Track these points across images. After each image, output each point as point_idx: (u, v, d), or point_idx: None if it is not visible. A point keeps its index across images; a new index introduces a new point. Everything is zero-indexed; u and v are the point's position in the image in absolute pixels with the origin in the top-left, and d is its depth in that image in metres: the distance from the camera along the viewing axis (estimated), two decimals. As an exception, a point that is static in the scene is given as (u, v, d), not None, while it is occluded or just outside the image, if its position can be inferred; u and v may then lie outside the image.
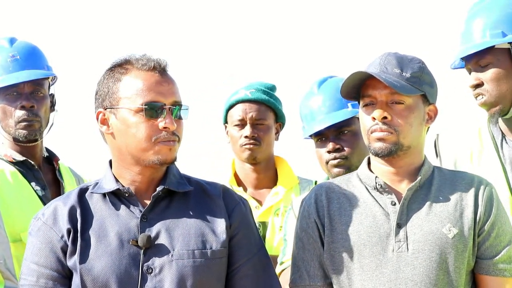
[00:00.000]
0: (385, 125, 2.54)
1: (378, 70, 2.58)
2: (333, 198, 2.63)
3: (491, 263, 2.55)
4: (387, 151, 2.55)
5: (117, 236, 2.43)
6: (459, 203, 2.57)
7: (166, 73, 2.50)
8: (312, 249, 2.62)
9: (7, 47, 3.43)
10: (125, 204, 2.49)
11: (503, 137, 3.09)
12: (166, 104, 2.45)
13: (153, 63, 2.48)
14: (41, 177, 3.40)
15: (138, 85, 2.46)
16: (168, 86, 2.47)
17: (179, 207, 2.49)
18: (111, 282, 2.39)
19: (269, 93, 3.70)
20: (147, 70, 2.47)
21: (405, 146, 2.56)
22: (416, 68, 2.59)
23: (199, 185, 2.56)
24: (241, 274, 2.49)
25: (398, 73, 2.56)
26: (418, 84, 2.58)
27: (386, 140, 2.54)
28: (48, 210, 2.52)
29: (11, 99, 3.35)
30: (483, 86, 3.02)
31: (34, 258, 2.46)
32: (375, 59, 2.62)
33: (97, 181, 2.56)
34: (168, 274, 2.40)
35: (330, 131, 3.18)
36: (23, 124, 3.33)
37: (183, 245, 2.43)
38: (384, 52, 2.65)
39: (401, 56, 2.61)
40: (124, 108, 2.46)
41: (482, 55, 3.01)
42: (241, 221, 2.52)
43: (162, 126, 2.43)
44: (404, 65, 2.58)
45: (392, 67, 2.57)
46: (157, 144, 2.44)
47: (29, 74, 3.36)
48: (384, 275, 2.52)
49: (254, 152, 3.63)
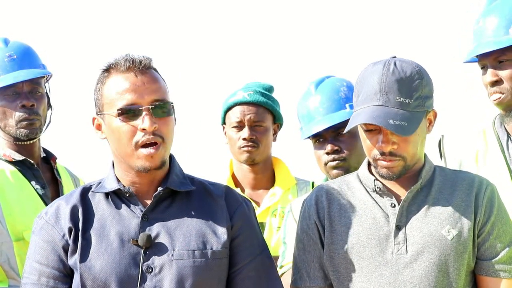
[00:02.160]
0: (392, 156, 2.52)
1: (380, 102, 2.50)
2: (334, 199, 2.63)
3: (491, 264, 2.54)
4: (396, 176, 2.54)
5: (117, 236, 2.43)
6: (459, 204, 2.56)
7: (145, 71, 2.45)
8: (312, 251, 2.62)
9: (2, 47, 3.44)
10: (126, 204, 2.49)
11: (508, 137, 3.08)
12: (143, 104, 2.41)
13: (129, 63, 2.45)
14: (41, 176, 3.40)
15: (115, 89, 2.44)
16: (145, 86, 2.43)
17: (180, 207, 2.49)
18: (111, 281, 2.39)
19: (267, 94, 3.71)
20: (123, 72, 2.44)
21: (411, 165, 2.55)
22: (416, 86, 2.51)
23: (202, 185, 2.55)
24: (243, 275, 2.49)
25: (402, 101, 2.49)
26: (422, 104, 2.52)
27: (394, 168, 2.53)
28: (51, 209, 2.52)
29: (10, 99, 3.35)
30: (502, 84, 2.97)
31: (36, 256, 2.47)
32: (373, 80, 2.52)
33: (100, 181, 2.56)
34: (168, 274, 2.40)
35: (328, 132, 3.16)
36: (24, 123, 3.34)
37: (184, 245, 2.42)
38: (380, 69, 2.53)
39: (401, 77, 2.50)
40: (107, 114, 2.45)
41: (502, 52, 2.96)
42: (243, 222, 2.51)
43: (140, 128, 2.41)
44: (405, 88, 2.50)
45: (394, 95, 2.49)
46: (139, 149, 2.42)
47: (28, 73, 3.38)
48: (384, 277, 2.51)
49: (253, 154, 3.65)
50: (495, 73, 2.98)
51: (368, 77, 2.54)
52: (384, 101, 2.49)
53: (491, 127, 3.13)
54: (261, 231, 2.59)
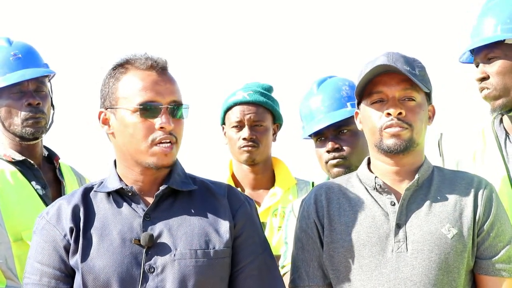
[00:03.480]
0: (400, 121, 2.53)
1: (389, 62, 2.56)
2: (333, 198, 2.63)
3: (490, 263, 2.54)
4: (402, 147, 2.54)
5: (119, 235, 2.43)
6: (459, 203, 2.56)
7: (165, 72, 2.48)
8: (311, 250, 2.62)
9: (7, 46, 3.44)
10: (128, 203, 2.48)
11: (506, 135, 3.10)
12: (163, 103, 2.43)
13: (151, 62, 2.47)
14: (41, 176, 3.39)
15: (135, 85, 2.45)
16: (166, 85, 2.46)
17: (183, 206, 2.49)
18: (112, 281, 2.38)
19: (266, 94, 3.72)
20: (144, 69, 2.46)
21: (416, 142, 2.56)
22: (420, 67, 2.61)
23: (204, 185, 2.55)
24: (245, 274, 2.48)
25: (409, 70, 2.56)
26: (425, 82, 2.59)
27: (401, 135, 2.53)
28: (53, 209, 2.52)
29: (16, 97, 3.35)
30: (488, 79, 3.03)
31: (38, 256, 2.46)
32: (379, 57, 2.60)
33: (102, 180, 2.56)
34: (170, 274, 2.39)
35: (329, 130, 3.17)
36: (30, 121, 3.34)
37: (186, 245, 2.42)
38: (385, 51, 2.63)
39: (405, 55, 2.61)
40: (122, 108, 2.45)
41: (491, 49, 3.03)
42: (245, 221, 2.51)
43: (158, 125, 2.42)
44: (410, 63, 2.59)
45: (401, 64, 2.56)
46: (154, 146, 2.42)
47: (34, 72, 3.38)
48: (383, 275, 2.51)
49: (253, 154, 3.65)
50: (483, 70, 3.04)
51: (371, 62, 2.59)
52: (393, 62, 2.56)
53: (490, 126, 3.15)
54: (263, 230, 2.59)
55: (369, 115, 2.58)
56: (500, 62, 3.01)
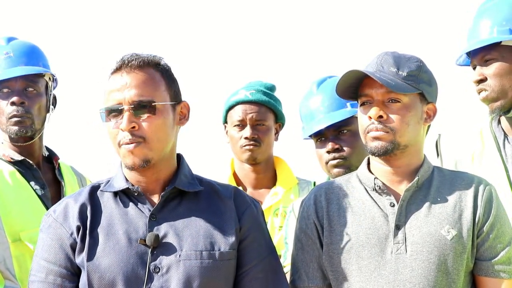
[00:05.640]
0: (381, 124, 2.53)
1: (374, 69, 2.57)
2: (333, 199, 2.63)
3: (490, 265, 2.54)
4: (383, 150, 2.54)
5: (125, 235, 2.43)
6: (458, 204, 2.56)
7: (133, 71, 2.45)
8: (311, 251, 2.62)
9: (2, 45, 3.43)
10: (134, 203, 2.48)
11: (505, 136, 3.10)
12: (124, 104, 2.43)
13: (120, 63, 2.46)
14: (40, 176, 3.37)
15: (104, 90, 2.47)
16: (128, 86, 2.43)
17: (189, 207, 2.49)
18: (118, 280, 2.38)
19: (269, 94, 3.71)
20: (113, 73, 2.47)
21: (402, 145, 2.55)
22: (414, 67, 2.58)
23: (210, 186, 2.55)
24: (250, 277, 2.48)
25: (394, 71, 2.55)
26: (415, 82, 2.56)
27: (382, 139, 2.53)
28: (60, 207, 2.52)
29: (3, 95, 3.33)
30: (486, 81, 3.04)
31: (44, 254, 2.47)
32: (373, 59, 2.61)
33: (109, 179, 2.56)
34: (175, 274, 2.39)
35: (329, 131, 3.17)
36: (13, 120, 3.30)
37: (191, 246, 2.42)
38: (382, 51, 2.64)
39: (399, 55, 2.60)
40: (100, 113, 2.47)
41: (488, 51, 3.04)
42: (252, 224, 2.51)
43: (120, 128, 2.43)
44: (401, 63, 2.57)
45: (388, 66, 2.56)
46: (120, 148, 2.44)
47: (21, 70, 3.35)
48: (383, 276, 2.51)
49: (254, 153, 3.65)
50: (481, 72, 3.06)
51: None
52: (377, 69, 2.57)
53: (488, 127, 3.16)
54: (269, 232, 2.58)
55: (359, 117, 2.60)
56: (497, 64, 3.02)
